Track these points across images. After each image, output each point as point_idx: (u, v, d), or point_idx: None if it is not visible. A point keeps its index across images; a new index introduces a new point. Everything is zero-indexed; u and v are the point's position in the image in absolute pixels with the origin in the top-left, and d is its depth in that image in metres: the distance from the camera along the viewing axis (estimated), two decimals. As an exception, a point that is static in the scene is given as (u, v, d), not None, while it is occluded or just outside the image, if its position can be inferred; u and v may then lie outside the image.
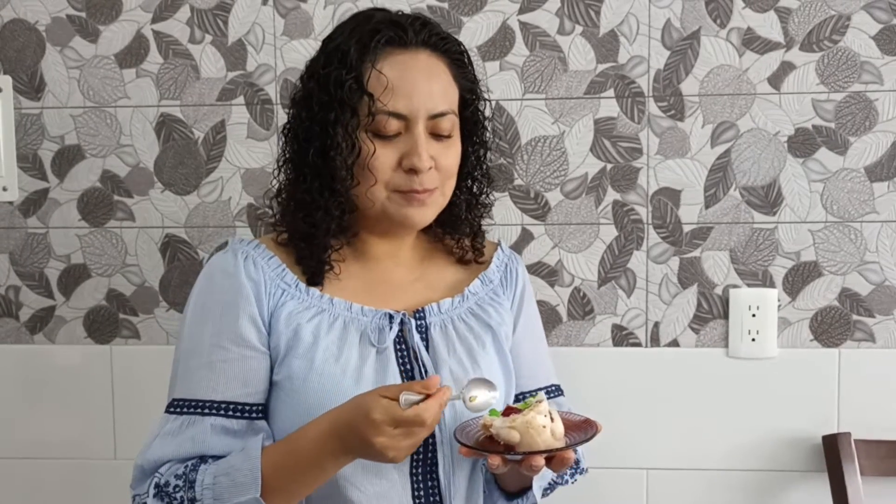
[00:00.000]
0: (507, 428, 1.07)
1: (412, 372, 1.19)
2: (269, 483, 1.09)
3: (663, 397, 1.62)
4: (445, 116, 1.18)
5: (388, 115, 1.15)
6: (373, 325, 1.19)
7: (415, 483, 1.17)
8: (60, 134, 1.67)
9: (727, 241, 1.60)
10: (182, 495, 1.10)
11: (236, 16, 1.63)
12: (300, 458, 1.09)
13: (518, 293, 1.32)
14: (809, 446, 1.61)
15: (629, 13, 1.58)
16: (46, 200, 1.68)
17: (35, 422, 1.70)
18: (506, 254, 1.35)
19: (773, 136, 1.59)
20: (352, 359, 1.17)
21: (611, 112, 1.60)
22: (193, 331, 1.19)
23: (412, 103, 1.15)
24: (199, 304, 1.20)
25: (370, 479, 1.15)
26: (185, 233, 1.67)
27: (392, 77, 1.15)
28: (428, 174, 1.17)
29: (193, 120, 1.65)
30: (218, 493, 1.09)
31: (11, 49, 1.66)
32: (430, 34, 1.19)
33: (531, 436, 1.06)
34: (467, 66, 1.23)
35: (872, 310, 1.59)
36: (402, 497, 1.16)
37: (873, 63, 1.56)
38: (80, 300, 1.69)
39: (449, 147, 1.20)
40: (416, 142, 1.16)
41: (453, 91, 1.20)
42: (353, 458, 1.09)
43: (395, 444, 1.04)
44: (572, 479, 1.32)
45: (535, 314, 1.37)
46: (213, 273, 1.21)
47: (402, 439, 1.04)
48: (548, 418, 1.07)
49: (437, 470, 1.17)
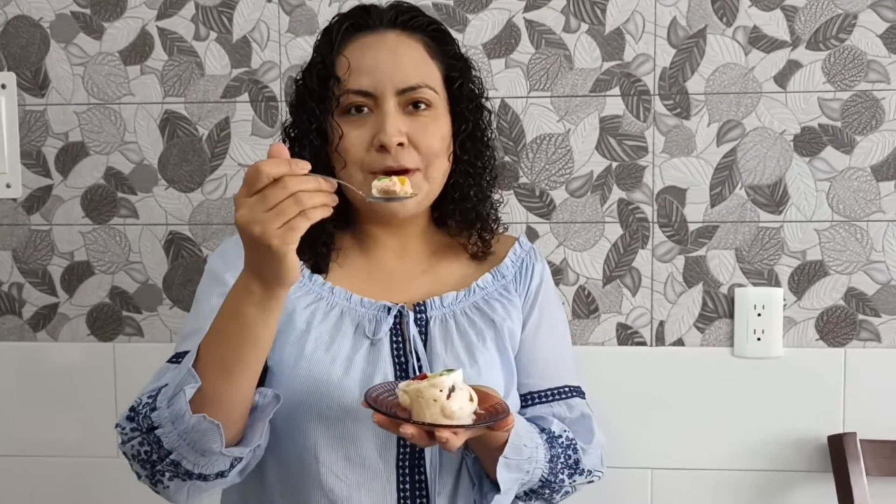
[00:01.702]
0: (402, 391, 1.03)
1: (406, 365, 1.17)
2: (205, 358, 1.02)
3: (668, 397, 1.62)
4: (418, 90, 1.16)
5: (350, 93, 1.15)
6: (369, 317, 1.18)
7: (400, 475, 1.15)
8: (64, 131, 1.66)
9: (733, 240, 1.60)
10: (146, 411, 1.04)
11: (241, 13, 1.62)
12: (223, 313, 1.02)
13: (532, 289, 1.28)
14: (815, 446, 1.60)
15: (635, 11, 1.58)
16: (50, 197, 1.68)
17: (37, 419, 1.70)
18: (524, 249, 1.31)
19: (779, 134, 1.58)
20: (343, 348, 1.16)
21: (616, 110, 1.60)
22: (200, 298, 1.20)
23: (375, 78, 1.15)
24: (208, 276, 1.21)
25: (353, 468, 1.13)
26: (189, 230, 1.66)
27: (356, 56, 1.16)
28: (402, 151, 1.15)
29: (198, 117, 1.64)
30: (168, 392, 1.04)
31: (16, 45, 1.66)
32: (397, 14, 1.19)
33: (420, 406, 1.01)
34: (447, 44, 1.22)
35: (878, 309, 1.59)
36: (386, 488, 1.14)
37: (880, 62, 1.56)
38: (83, 297, 1.68)
39: (427, 124, 1.17)
40: (383, 117, 1.15)
41: (428, 67, 1.19)
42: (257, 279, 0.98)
43: (253, 214, 0.93)
44: (571, 479, 1.21)
45: (552, 312, 1.31)
46: (224, 251, 1.23)
47: (259, 206, 0.93)
48: (444, 393, 1.00)
49: (425, 464, 1.15)
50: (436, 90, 1.19)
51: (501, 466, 1.11)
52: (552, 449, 1.19)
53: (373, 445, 1.14)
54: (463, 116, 1.23)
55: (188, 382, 1.01)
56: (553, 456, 1.19)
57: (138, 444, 1.04)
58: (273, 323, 1.02)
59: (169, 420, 1.02)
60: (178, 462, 1.03)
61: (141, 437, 1.04)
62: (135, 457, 1.05)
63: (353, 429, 1.13)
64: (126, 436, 1.06)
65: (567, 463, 1.20)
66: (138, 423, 1.05)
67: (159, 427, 1.03)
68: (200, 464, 1.04)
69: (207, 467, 1.05)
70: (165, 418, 1.02)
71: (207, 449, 1.02)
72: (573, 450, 1.22)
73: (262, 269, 0.97)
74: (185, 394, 1.00)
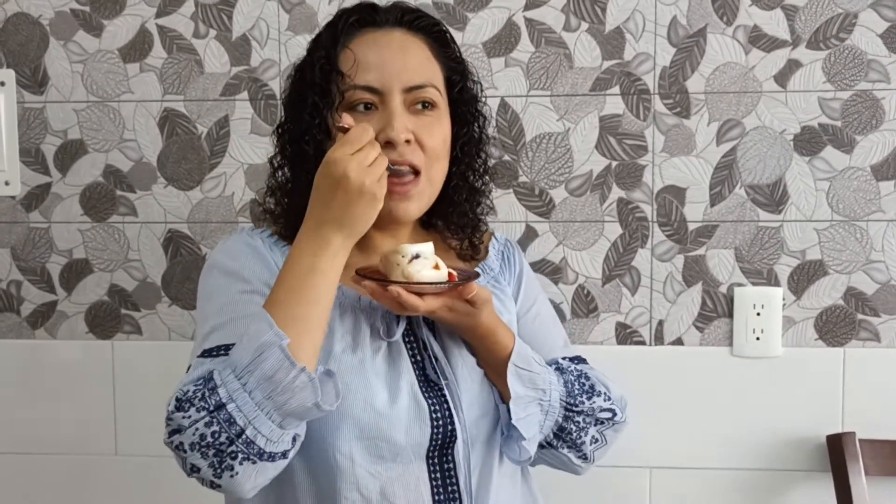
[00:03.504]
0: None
1: (423, 364, 1.18)
2: (281, 321, 1.02)
3: (667, 396, 1.61)
4: (424, 89, 1.17)
5: (357, 88, 1.15)
6: (381, 319, 1.19)
7: (430, 465, 1.15)
8: (63, 128, 1.66)
9: (732, 240, 1.60)
10: (203, 392, 1.00)
11: (241, 11, 1.62)
12: (295, 273, 1.05)
13: (517, 276, 1.32)
14: (814, 446, 1.60)
15: (635, 10, 1.58)
16: (49, 195, 1.67)
17: (36, 417, 1.70)
18: (500, 242, 1.35)
19: (779, 134, 1.58)
20: (366, 349, 1.16)
21: (616, 109, 1.59)
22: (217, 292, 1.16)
23: (383, 75, 1.15)
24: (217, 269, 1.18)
25: (386, 464, 1.13)
26: (188, 228, 1.66)
27: (362, 52, 1.16)
28: (408, 148, 1.15)
29: (197, 115, 1.64)
30: (234, 361, 1.01)
31: (15, 43, 1.65)
32: (403, 13, 1.19)
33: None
34: (449, 45, 1.23)
35: (878, 309, 1.59)
36: (420, 479, 1.14)
37: (880, 61, 1.55)
38: (81, 295, 1.68)
39: (432, 124, 1.18)
40: (390, 113, 1.15)
41: (433, 67, 1.20)
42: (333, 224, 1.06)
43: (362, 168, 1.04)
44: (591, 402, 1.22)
45: (535, 293, 1.34)
46: (228, 247, 1.21)
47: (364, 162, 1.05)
48: (406, 258, 1.10)
49: (453, 452, 1.15)
50: (439, 91, 1.19)
51: (512, 375, 1.14)
52: (563, 375, 1.22)
53: (404, 440, 1.13)
54: (463, 119, 1.24)
55: (273, 342, 0.99)
56: (566, 381, 1.22)
57: (204, 425, 0.99)
58: (339, 276, 1.08)
59: (255, 385, 0.99)
60: (252, 440, 1.00)
61: (208, 418, 0.99)
62: (196, 444, 1.00)
63: (385, 427, 1.13)
64: (188, 419, 1.00)
65: (583, 388, 1.22)
66: (202, 403, 0.99)
67: (230, 402, 0.99)
68: (274, 437, 1.01)
69: (280, 443, 1.02)
70: (237, 389, 0.99)
71: (298, 407, 1.00)
72: (585, 377, 1.24)
73: (351, 218, 1.05)
74: (284, 350, 0.99)
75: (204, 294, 1.19)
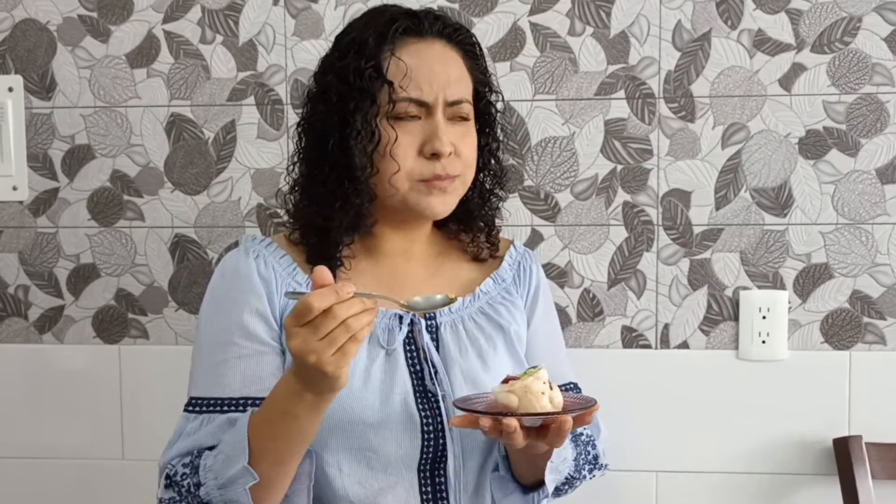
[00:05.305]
0: (506, 392, 1.06)
1: (422, 373, 1.18)
2: (256, 448, 1.07)
3: (673, 399, 1.61)
4: (462, 104, 1.19)
5: (408, 101, 1.16)
6: (382, 326, 1.19)
7: (422, 478, 1.16)
8: (71, 133, 1.67)
9: (737, 243, 1.60)
10: (189, 482, 1.11)
11: (247, 16, 1.63)
12: (274, 409, 1.07)
13: (532, 291, 1.32)
14: (820, 449, 1.60)
15: (640, 14, 1.58)
16: (56, 200, 1.68)
17: (42, 422, 1.70)
18: (519, 252, 1.35)
19: (783, 137, 1.58)
20: (360, 359, 1.17)
21: (621, 113, 1.60)
22: (207, 328, 1.20)
23: (432, 89, 1.17)
24: (211, 302, 1.22)
25: (376, 475, 1.15)
26: (195, 233, 1.67)
27: (411, 64, 1.16)
28: (450, 160, 1.18)
29: (204, 120, 1.65)
30: (216, 471, 1.09)
31: (23, 48, 1.66)
32: (444, 25, 1.21)
33: (529, 400, 1.05)
34: (479, 59, 1.25)
35: (884, 312, 1.59)
36: (410, 493, 1.16)
37: (885, 65, 1.56)
38: (89, 300, 1.69)
39: (466, 135, 1.21)
40: (437, 126, 1.17)
41: (467, 81, 1.22)
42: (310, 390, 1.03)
43: (307, 345, 0.97)
44: (590, 474, 1.28)
45: (549, 312, 1.36)
46: (224, 271, 1.23)
47: (312, 337, 0.97)
48: (546, 385, 1.06)
49: (445, 466, 1.16)
50: (471, 104, 1.22)
51: (550, 471, 1.15)
52: (577, 447, 1.24)
53: (394, 452, 1.15)
54: (485, 130, 1.27)
55: (244, 477, 1.06)
56: (577, 454, 1.24)
57: None
58: (320, 418, 1.07)
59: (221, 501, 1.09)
60: None
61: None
62: None
63: (374, 438, 1.14)
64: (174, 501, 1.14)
65: (587, 459, 1.26)
66: (182, 493, 1.12)
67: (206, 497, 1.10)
68: None
69: None
70: (216, 498, 1.09)
71: None
72: (592, 446, 1.27)
73: (315, 385, 1.02)
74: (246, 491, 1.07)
75: (199, 317, 1.23)
